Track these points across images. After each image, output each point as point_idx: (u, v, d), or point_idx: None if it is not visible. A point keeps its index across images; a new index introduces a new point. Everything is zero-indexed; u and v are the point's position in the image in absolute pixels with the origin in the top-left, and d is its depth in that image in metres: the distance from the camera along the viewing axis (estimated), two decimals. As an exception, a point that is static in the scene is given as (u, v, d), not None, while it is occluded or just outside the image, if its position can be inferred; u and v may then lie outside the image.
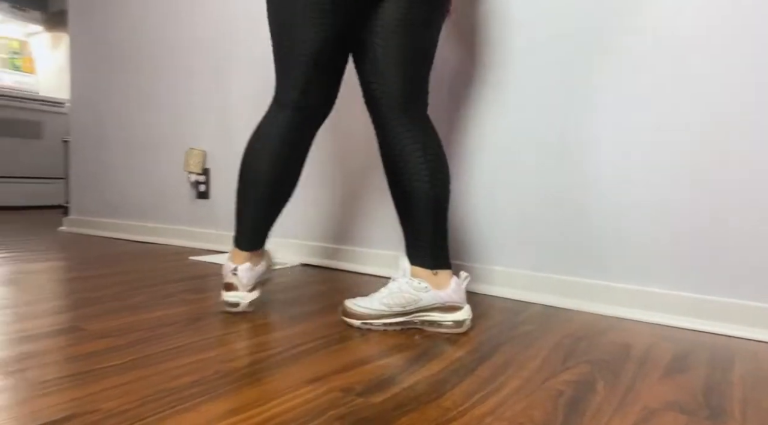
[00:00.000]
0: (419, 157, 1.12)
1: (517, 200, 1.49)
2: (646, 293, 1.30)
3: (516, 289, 1.48)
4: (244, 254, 1.22)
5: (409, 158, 1.12)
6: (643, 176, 1.31)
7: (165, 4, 2.38)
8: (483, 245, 1.55)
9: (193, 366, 0.86)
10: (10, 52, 4.83)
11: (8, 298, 1.28)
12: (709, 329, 1.21)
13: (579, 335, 1.13)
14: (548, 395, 0.80)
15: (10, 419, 0.66)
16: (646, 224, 1.31)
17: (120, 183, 2.61)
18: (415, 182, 1.12)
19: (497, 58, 1.51)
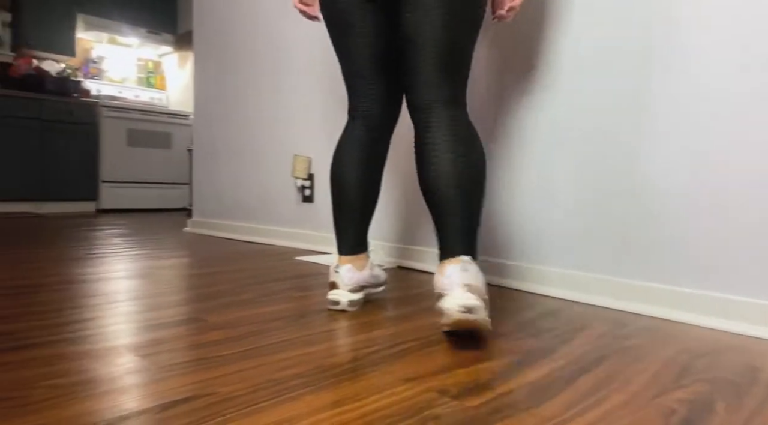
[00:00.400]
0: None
1: (617, 207, 1.40)
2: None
3: (620, 300, 1.39)
4: (346, 258, 1.29)
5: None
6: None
7: (277, 22, 2.55)
8: (584, 251, 1.48)
9: (298, 360, 0.92)
10: (146, 72, 5.44)
11: (141, 290, 1.45)
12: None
13: (696, 351, 1.04)
14: (658, 412, 0.74)
15: (143, 396, 0.75)
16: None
17: (234, 188, 2.84)
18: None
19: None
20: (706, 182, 1.27)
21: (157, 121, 4.81)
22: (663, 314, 1.31)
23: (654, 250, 1.35)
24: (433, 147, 1.11)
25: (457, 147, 1.10)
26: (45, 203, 4.36)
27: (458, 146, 1.10)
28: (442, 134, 1.11)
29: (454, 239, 1.10)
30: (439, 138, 1.11)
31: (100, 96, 4.88)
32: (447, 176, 1.09)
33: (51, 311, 1.19)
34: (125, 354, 0.92)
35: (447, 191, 1.09)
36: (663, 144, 1.34)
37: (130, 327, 1.09)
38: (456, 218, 1.09)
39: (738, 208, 1.23)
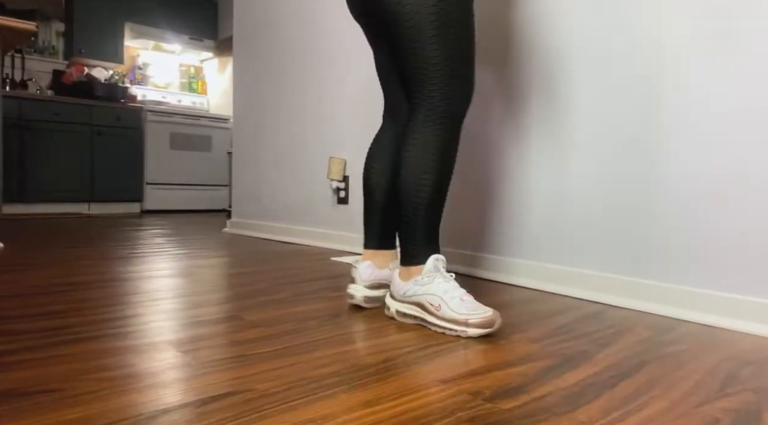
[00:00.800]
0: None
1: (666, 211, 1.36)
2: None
3: (665, 305, 1.35)
4: (368, 252, 1.35)
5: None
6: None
7: (314, 28, 2.59)
8: (626, 254, 1.44)
9: (333, 358, 0.93)
10: (189, 77, 5.61)
11: (183, 288, 1.50)
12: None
13: (743, 359, 1.00)
14: (701, 422, 0.72)
15: (184, 390, 0.77)
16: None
17: (272, 190, 2.89)
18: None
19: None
20: (745, 182, 1.22)
21: (198, 124, 4.95)
22: (709, 321, 1.26)
23: (700, 255, 1.31)
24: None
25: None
26: (94, 204, 4.55)
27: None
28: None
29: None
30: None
31: (145, 101, 5.06)
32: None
33: (100, 307, 1.24)
34: (167, 350, 0.95)
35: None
36: (689, 145, 1.29)
37: (172, 323, 1.13)
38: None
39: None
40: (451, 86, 1.14)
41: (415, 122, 1.16)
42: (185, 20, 5.21)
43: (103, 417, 0.68)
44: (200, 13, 5.31)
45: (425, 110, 1.15)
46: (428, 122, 1.15)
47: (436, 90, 1.14)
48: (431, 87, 1.14)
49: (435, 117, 1.15)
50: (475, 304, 1.09)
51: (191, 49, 5.31)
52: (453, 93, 1.15)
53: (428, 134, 1.15)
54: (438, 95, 1.14)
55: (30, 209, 4.24)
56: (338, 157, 2.46)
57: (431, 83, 1.14)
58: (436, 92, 1.14)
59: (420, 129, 1.15)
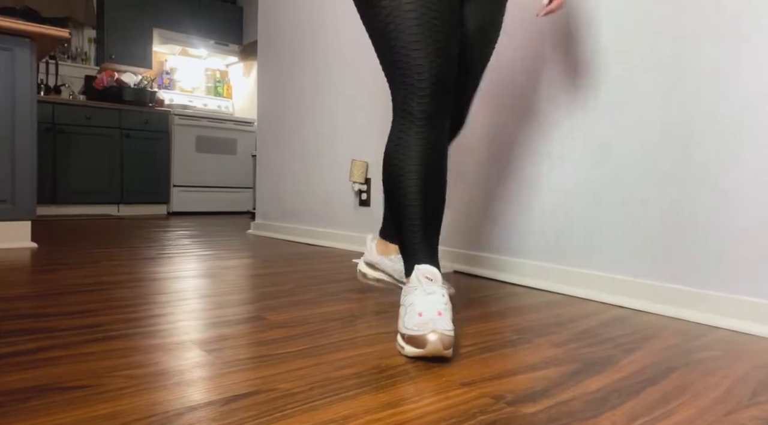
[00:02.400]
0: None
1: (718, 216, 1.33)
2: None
3: (693, 310, 1.32)
4: (377, 238, 1.50)
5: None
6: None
7: (338, 33, 2.61)
8: (654, 258, 1.41)
9: (354, 360, 0.94)
10: (214, 81, 5.70)
11: (208, 289, 1.52)
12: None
13: (776, 367, 0.97)
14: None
15: (209, 389, 0.79)
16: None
17: (295, 192, 2.92)
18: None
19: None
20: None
21: (224, 128, 5.03)
22: (741, 327, 1.23)
23: (732, 259, 1.27)
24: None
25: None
26: (123, 206, 4.66)
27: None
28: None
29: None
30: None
31: (172, 105, 5.17)
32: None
33: (128, 306, 1.28)
34: (193, 349, 0.97)
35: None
36: (720, 144, 1.26)
37: (198, 323, 1.15)
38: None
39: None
40: (393, 92, 1.11)
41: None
42: (211, 25, 5.30)
43: (133, 413, 0.69)
44: (226, 19, 5.40)
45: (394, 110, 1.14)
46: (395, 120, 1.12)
47: (392, 96, 1.13)
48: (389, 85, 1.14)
49: (397, 118, 1.11)
50: (425, 322, 0.94)
51: (217, 54, 5.40)
52: (396, 97, 1.10)
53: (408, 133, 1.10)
54: (393, 99, 1.13)
55: (62, 211, 4.37)
56: (360, 159, 2.48)
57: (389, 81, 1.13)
58: (393, 98, 1.13)
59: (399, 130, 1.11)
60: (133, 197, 4.65)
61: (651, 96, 1.42)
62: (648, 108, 1.43)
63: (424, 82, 1.05)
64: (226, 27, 5.40)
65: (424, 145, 1.07)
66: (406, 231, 1.09)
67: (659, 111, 1.41)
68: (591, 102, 1.56)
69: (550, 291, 1.61)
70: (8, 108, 2.25)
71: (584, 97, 1.57)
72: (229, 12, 5.43)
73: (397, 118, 1.10)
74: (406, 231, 1.09)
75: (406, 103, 1.08)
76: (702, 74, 1.32)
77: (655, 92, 1.41)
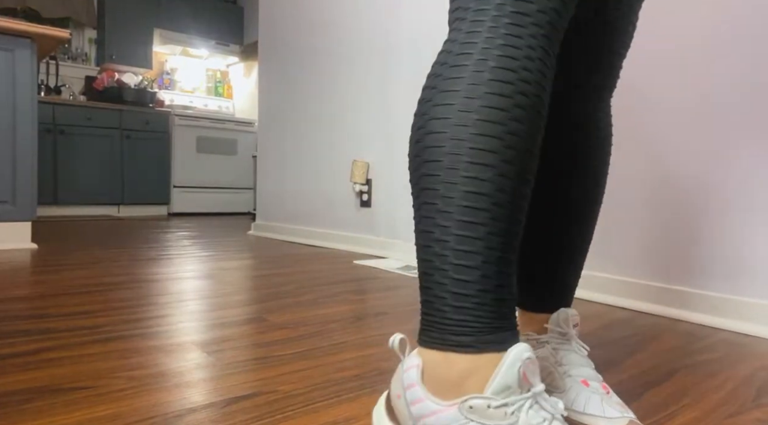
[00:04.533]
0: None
1: (699, 211, 1.32)
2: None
3: (696, 312, 1.32)
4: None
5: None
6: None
7: (338, 35, 2.61)
8: (664, 262, 1.41)
9: (355, 361, 0.93)
10: (215, 81, 5.70)
11: (208, 290, 1.52)
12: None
13: (779, 369, 0.97)
14: (734, 433, 0.70)
15: (210, 391, 0.79)
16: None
17: (296, 193, 2.92)
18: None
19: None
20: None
21: (224, 128, 5.03)
22: (744, 329, 1.23)
23: (734, 261, 1.27)
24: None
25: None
26: (123, 207, 4.66)
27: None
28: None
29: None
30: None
31: (172, 105, 5.17)
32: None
33: (128, 308, 1.27)
34: (193, 350, 0.97)
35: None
36: (730, 149, 1.25)
37: (198, 324, 1.15)
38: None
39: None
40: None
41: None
42: (212, 25, 5.30)
43: (133, 415, 0.69)
44: (227, 19, 5.40)
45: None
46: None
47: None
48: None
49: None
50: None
51: (218, 54, 5.40)
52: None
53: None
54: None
55: (63, 212, 4.37)
56: (361, 160, 2.47)
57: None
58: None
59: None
60: (134, 197, 4.65)
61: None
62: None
63: None
64: (226, 27, 5.40)
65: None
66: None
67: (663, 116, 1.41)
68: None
69: (551, 292, 1.61)
70: (9, 109, 2.25)
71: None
72: (229, 12, 5.43)
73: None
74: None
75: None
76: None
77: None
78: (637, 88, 1.44)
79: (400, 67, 2.26)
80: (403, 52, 2.25)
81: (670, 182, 1.39)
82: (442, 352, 0.50)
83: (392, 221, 2.31)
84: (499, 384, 0.47)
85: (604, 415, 0.63)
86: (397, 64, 2.28)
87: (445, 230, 0.49)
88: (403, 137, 2.26)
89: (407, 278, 1.79)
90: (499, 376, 0.47)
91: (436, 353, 0.50)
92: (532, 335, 0.74)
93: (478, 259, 0.49)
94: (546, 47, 0.51)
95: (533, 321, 0.76)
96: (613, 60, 0.73)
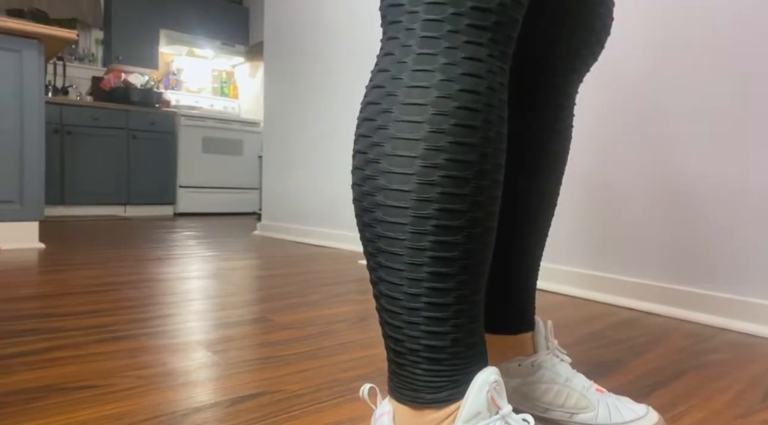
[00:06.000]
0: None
1: (706, 211, 1.32)
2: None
3: (703, 313, 1.31)
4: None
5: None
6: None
7: (344, 34, 2.61)
8: (672, 262, 1.40)
9: (360, 361, 0.93)
10: (220, 82, 5.72)
11: (214, 290, 1.52)
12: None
13: (787, 370, 0.96)
14: (742, 434, 0.69)
15: (215, 390, 0.79)
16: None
17: (301, 193, 2.92)
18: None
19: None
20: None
21: (230, 129, 5.04)
22: (752, 330, 1.22)
23: (742, 261, 1.26)
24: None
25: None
26: (130, 207, 4.68)
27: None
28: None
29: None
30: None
31: (178, 106, 5.19)
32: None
33: (135, 307, 1.28)
34: (199, 350, 0.97)
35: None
36: (737, 150, 1.24)
37: (204, 324, 1.15)
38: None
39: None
40: None
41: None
42: (218, 26, 5.32)
43: (140, 413, 0.69)
44: (232, 19, 5.42)
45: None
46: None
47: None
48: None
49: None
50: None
51: (223, 55, 5.42)
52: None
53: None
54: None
55: (70, 212, 4.39)
56: (367, 160, 2.48)
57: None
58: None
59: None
60: (140, 197, 4.67)
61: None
62: (656, 108, 1.42)
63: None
64: (232, 28, 5.41)
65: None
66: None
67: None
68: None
69: (559, 293, 1.60)
70: (17, 109, 2.27)
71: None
72: (235, 13, 5.45)
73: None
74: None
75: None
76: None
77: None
78: (644, 88, 1.44)
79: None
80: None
81: (676, 183, 1.38)
82: (416, 409, 0.48)
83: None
84: (469, 411, 0.46)
85: (637, 416, 0.64)
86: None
87: (414, 298, 0.46)
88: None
89: (412, 278, 1.78)
90: (469, 403, 0.46)
91: (408, 408, 0.49)
92: (522, 360, 0.69)
93: (449, 323, 0.46)
94: (505, 70, 0.45)
95: (517, 345, 0.70)
96: (579, 47, 0.66)
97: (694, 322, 1.30)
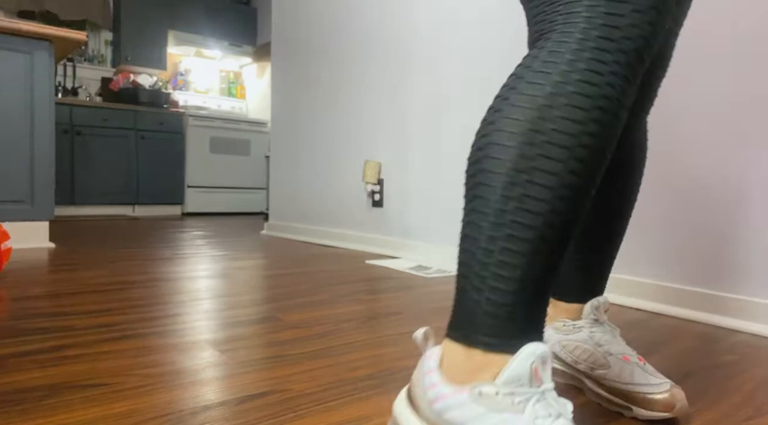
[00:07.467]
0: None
1: (716, 211, 1.30)
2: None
3: (713, 314, 1.30)
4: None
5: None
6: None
7: (350, 36, 2.62)
8: (682, 263, 1.39)
9: (368, 361, 0.94)
10: (228, 82, 5.75)
11: (222, 289, 1.53)
12: None
13: (799, 372, 0.95)
14: (752, 436, 0.69)
15: (222, 389, 0.79)
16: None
17: (308, 192, 2.93)
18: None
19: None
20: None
21: (237, 129, 5.06)
22: (761, 331, 1.21)
23: (752, 262, 1.25)
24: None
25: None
26: (138, 207, 4.72)
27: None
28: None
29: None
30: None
31: (186, 106, 5.21)
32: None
33: (144, 306, 1.29)
34: (207, 349, 0.98)
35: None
36: (746, 150, 1.23)
37: (212, 323, 1.16)
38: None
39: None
40: None
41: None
42: (225, 27, 5.34)
43: (149, 412, 0.70)
44: (240, 20, 5.44)
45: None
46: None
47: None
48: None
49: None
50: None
51: (231, 55, 5.44)
52: None
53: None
54: None
55: (79, 211, 4.43)
56: (373, 160, 2.48)
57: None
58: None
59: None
60: (148, 197, 4.70)
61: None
62: (665, 108, 1.41)
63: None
64: (240, 28, 5.43)
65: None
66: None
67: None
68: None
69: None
70: (27, 110, 2.29)
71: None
72: (243, 13, 5.47)
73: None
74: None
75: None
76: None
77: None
78: (665, 90, 1.43)
79: (413, 68, 2.26)
80: (416, 53, 2.25)
81: (687, 184, 1.37)
82: (467, 348, 0.52)
83: (404, 222, 2.31)
84: (511, 374, 0.49)
85: (648, 382, 0.72)
86: (410, 65, 2.27)
87: (491, 240, 0.50)
88: (416, 137, 2.26)
89: (419, 279, 1.78)
90: (512, 367, 0.49)
91: (460, 346, 0.53)
92: (567, 321, 0.83)
93: (518, 273, 0.50)
94: (629, 76, 0.50)
95: (569, 310, 0.83)
96: (653, 83, 0.76)
97: (703, 323, 1.29)
